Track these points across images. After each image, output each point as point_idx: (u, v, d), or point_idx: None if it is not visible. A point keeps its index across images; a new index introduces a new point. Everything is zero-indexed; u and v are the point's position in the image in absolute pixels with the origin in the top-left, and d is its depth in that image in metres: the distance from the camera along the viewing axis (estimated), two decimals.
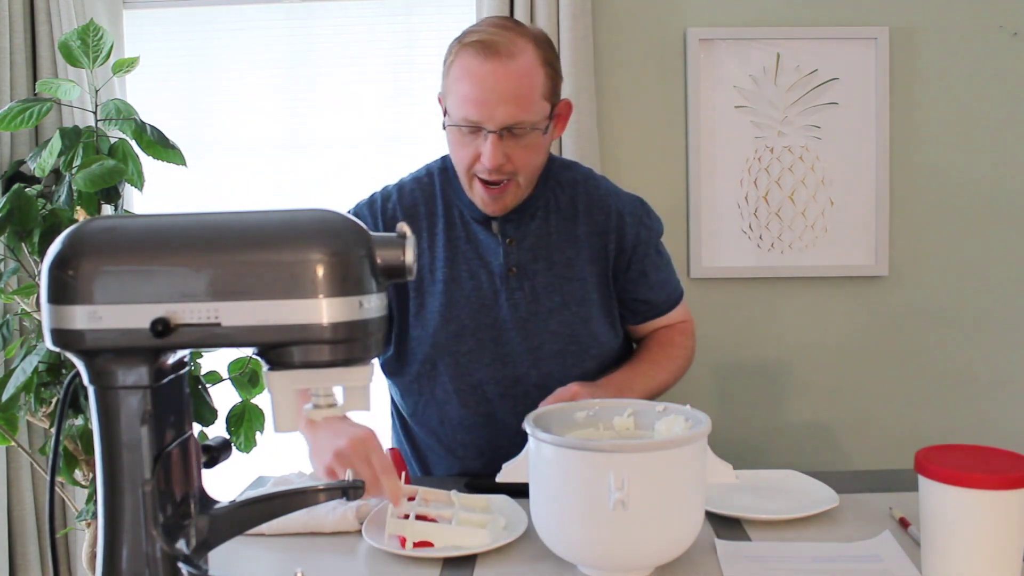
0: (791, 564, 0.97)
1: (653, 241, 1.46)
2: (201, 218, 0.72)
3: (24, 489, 2.22)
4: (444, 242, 1.39)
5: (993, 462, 0.89)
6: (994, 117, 2.24)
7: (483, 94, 1.24)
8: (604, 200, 1.43)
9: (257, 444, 1.86)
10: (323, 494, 0.83)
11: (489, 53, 1.24)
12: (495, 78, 1.24)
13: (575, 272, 1.39)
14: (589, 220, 1.41)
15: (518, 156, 1.29)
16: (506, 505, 1.14)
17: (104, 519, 0.73)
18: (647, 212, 1.47)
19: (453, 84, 1.28)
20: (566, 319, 1.37)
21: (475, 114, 1.25)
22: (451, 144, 1.33)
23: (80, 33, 1.79)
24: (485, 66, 1.24)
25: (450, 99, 1.29)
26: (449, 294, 1.37)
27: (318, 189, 2.31)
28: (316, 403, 0.73)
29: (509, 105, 1.24)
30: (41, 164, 1.76)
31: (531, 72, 1.27)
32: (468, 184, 1.33)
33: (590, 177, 1.47)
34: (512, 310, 1.36)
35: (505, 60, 1.24)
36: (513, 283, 1.37)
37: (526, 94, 1.26)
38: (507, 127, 1.26)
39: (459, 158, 1.32)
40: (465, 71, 1.26)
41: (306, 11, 2.30)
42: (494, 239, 1.38)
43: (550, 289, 1.37)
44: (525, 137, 1.28)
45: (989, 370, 2.29)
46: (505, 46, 1.25)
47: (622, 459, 0.90)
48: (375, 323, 0.71)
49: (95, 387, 0.72)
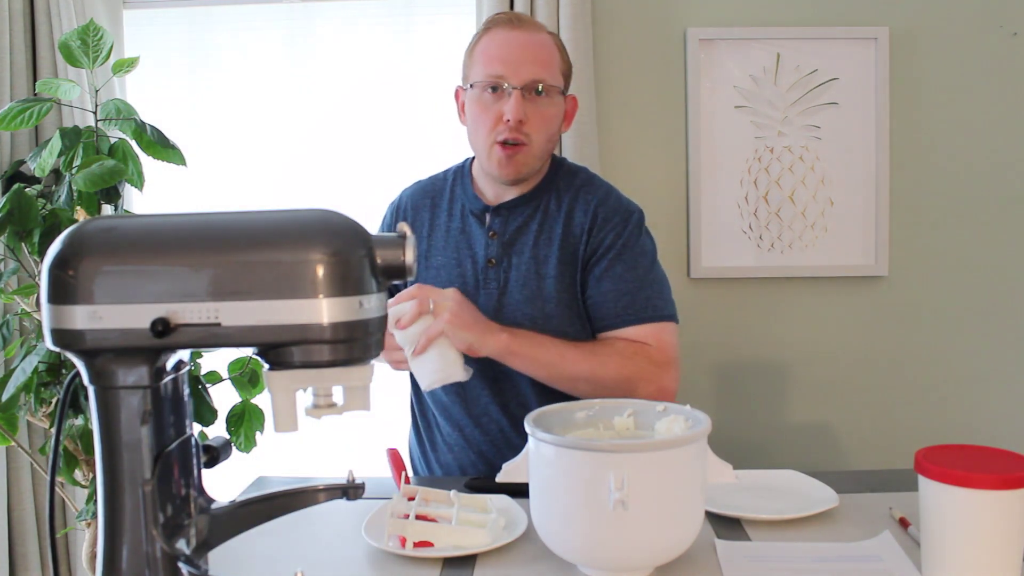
0: (791, 564, 0.98)
1: (618, 248, 1.41)
2: (201, 218, 0.72)
3: (24, 489, 2.22)
4: (443, 232, 1.49)
5: (993, 462, 0.89)
6: (994, 117, 2.24)
7: (510, 53, 1.38)
8: (591, 204, 1.44)
9: (257, 444, 1.86)
10: (323, 494, 0.83)
11: (515, 23, 1.41)
12: (520, 41, 1.39)
13: (546, 270, 1.43)
14: (569, 221, 1.44)
15: (535, 119, 1.38)
16: (506, 505, 1.14)
17: (104, 519, 0.73)
18: (630, 222, 1.43)
19: (478, 55, 1.41)
20: (530, 313, 1.42)
21: (501, 69, 1.37)
22: (473, 115, 1.42)
23: (80, 33, 1.79)
24: (511, 33, 1.39)
25: (474, 69, 1.41)
26: (439, 280, 1.45)
27: (318, 189, 2.31)
28: (316, 403, 0.73)
29: (533, 64, 1.37)
30: (41, 164, 1.76)
31: (551, 46, 1.42)
32: (487, 151, 1.41)
33: (589, 182, 1.48)
34: (486, 299, 1.44)
35: (529, 30, 1.41)
36: (490, 274, 1.44)
37: (547, 59, 1.40)
38: (529, 84, 1.37)
39: (482, 122, 1.40)
40: (491, 39, 1.40)
41: (306, 11, 2.30)
42: (483, 231, 1.46)
43: (520, 283, 1.43)
44: (544, 100, 1.39)
45: (989, 370, 2.29)
46: (529, 22, 1.43)
47: (622, 459, 0.90)
48: (375, 323, 0.71)
49: (95, 387, 0.72)
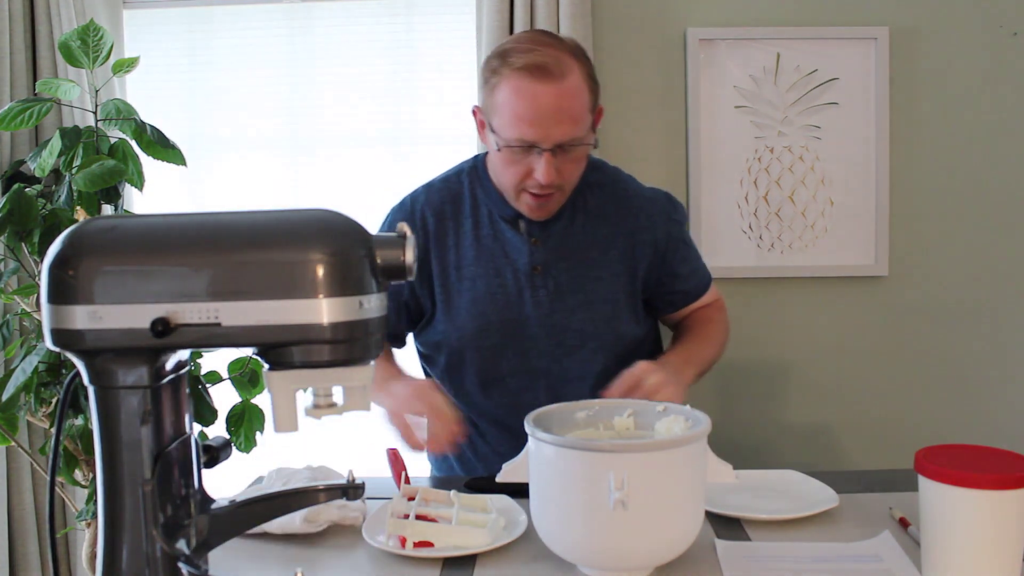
0: (791, 564, 0.98)
1: (682, 235, 1.52)
2: (201, 218, 0.72)
3: (24, 489, 2.22)
4: (471, 240, 1.44)
5: (993, 462, 0.89)
6: (994, 117, 2.24)
7: (538, 115, 1.27)
8: (632, 202, 1.47)
9: (257, 444, 1.86)
10: (323, 494, 0.83)
11: (541, 75, 1.27)
12: (549, 99, 1.27)
13: (600, 271, 1.43)
14: (617, 221, 1.45)
15: (567, 169, 1.34)
16: (506, 505, 1.14)
17: (104, 519, 0.73)
18: (674, 207, 1.52)
19: (502, 106, 1.30)
20: (588, 316, 1.41)
21: (531, 135, 1.28)
22: (499, 163, 1.35)
23: (80, 33, 1.78)
24: (537, 88, 1.27)
25: (498, 119, 1.32)
26: (475, 291, 1.42)
27: (318, 189, 2.31)
28: (316, 403, 0.73)
29: (563, 124, 1.29)
30: (41, 164, 1.76)
31: (579, 89, 1.31)
32: (515, 197, 1.38)
33: (618, 179, 1.51)
34: (536, 307, 1.41)
35: (557, 81, 1.27)
36: (538, 281, 1.41)
37: (577, 111, 1.30)
38: (559, 145, 1.29)
39: (509, 175, 1.35)
40: (517, 93, 1.28)
41: (306, 11, 2.30)
42: (520, 238, 1.42)
43: (573, 287, 1.41)
44: (574, 151, 1.32)
45: (989, 370, 2.29)
46: (555, 67, 1.27)
47: (622, 459, 0.90)
48: (375, 323, 0.71)
49: (95, 387, 0.72)
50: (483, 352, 1.42)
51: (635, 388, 1.22)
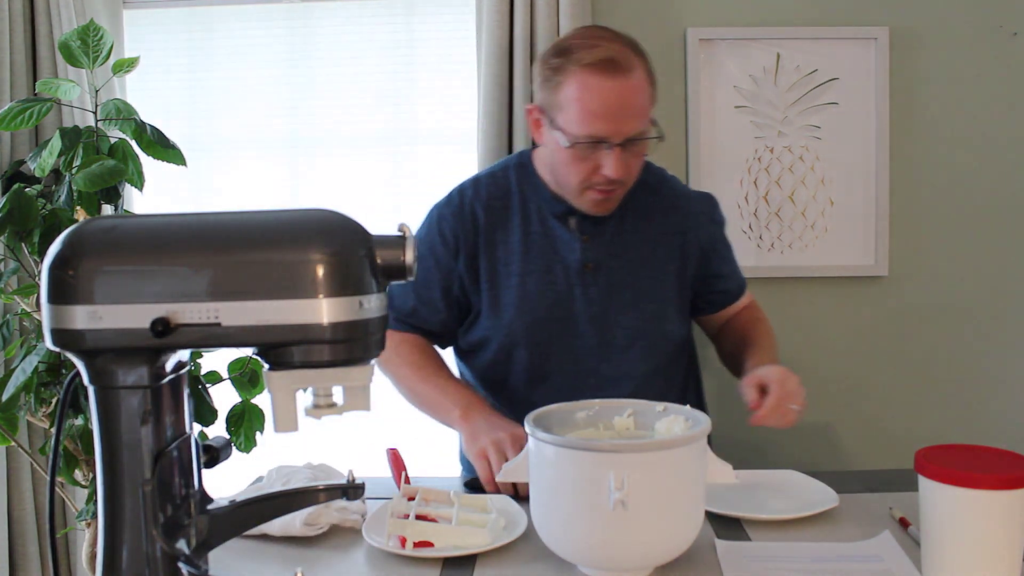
0: (791, 564, 0.97)
1: (723, 236, 1.56)
2: (201, 218, 0.72)
3: (24, 489, 2.22)
4: (520, 237, 1.43)
5: (993, 462, 0.89)
6: (994, 117, 2.24)
7: (609, 111, 1.29)
8: (678, 201, 1.50)
9: (257, 444, 1.86)
10: (323, 494, 0.83)
11: (610, 70, 1.28)
12: (619, 94, 1.29)
13: (650, 270, 1.43)
14: (664, 220, 1.46)
15: (633, 164, 1.35)
16: (506, 505, 1.14)
17: (104, 519, 0.73)
18: (715, 208, 1.55)
19: (571, 103, 1.30)
20: (638, 315, 1.42)
21: (602, 130, 1.29)
22: (564, 160, 1.34)
23: (80, 33, 1.78)
24: (607, 83, 1.28)
25: (564, 116, 1.31)
26: (525, 288, 1.41)
27: (318, 189, 2.31)
28: (316, 403, 0.73)
29: (633, 119, 1.31)
30: (41, 164, 1.76)
31: (644, 84, 1.33)
32: (578, 194, 1.37)
33: (664, 179, 1.53)
34: (586, 304, 1.41)
35: (626, 75, 1.29)
36: (588, 278, 1.41)
37: (644, 105, 1.33)
38: (629, 138, 1.31)
39: (575, 172, 1.34)
40: (587, 89, 1.29)
41: (306, 11, 2.30)
42: (571, 235, 1.42)
43: (624, 285, 1.42)
44: (639, 145, 1.34)
45: (989, 370, 2.29)
46: (623, 61, 1.29)
47: (622, 459, 0.90)
48: (375, 323, 0.71)
49: (95, 387, 0.72)
50: (531, 349, 1.41)
51: (782, 388, 1.26)
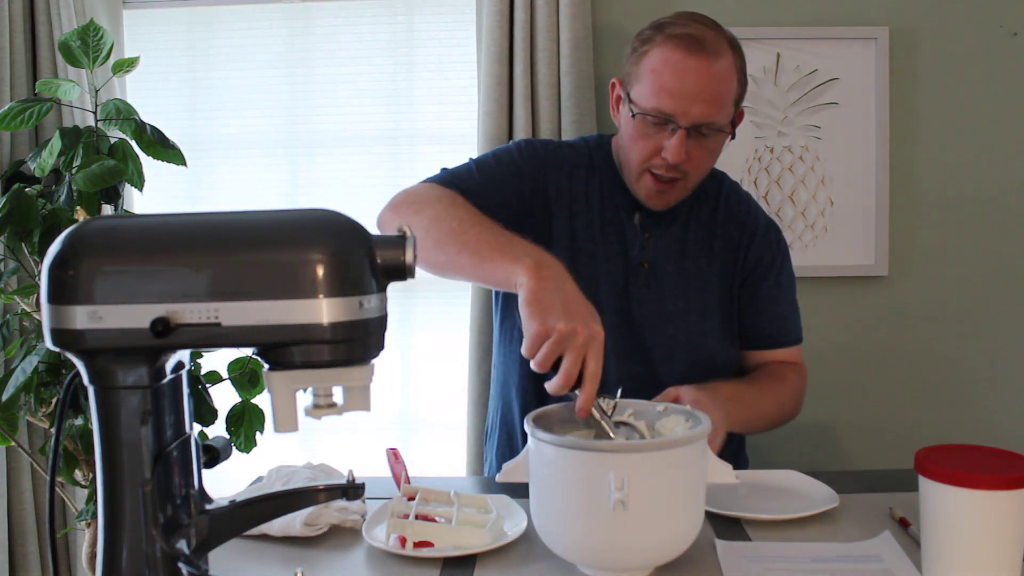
0: (791, 564, 0.97)
1: (776, 268, 1.44)
2: (201, 218, 0.72)
3: (24, 489, 2.22)
4: (588, 216, 1.36)
5: (993, 462, 0.89)
6: (994, 117, 2.24)
7: (683, 88, 1.23)
8: (742, 216, 1.43)
9: (257, 444, 1.86)
10: (323, 494, 0.83)
11: (695, 48, 1.23)
12: (697, 74, 1.23)
13: (703, 283, 1.37)
14: (725, 233, 1.40)
15: (697, 156, 1.28)
16: (506, 505, 1.14)
17: (104, 519, 0.73)
18: (779, 238, 1.46)
19: (648, 73, 1.26)
20: (685, 326, 1.35)
21: (670, 107, 1.24)
22: (629, 134, 1.30)
23: (80, 33, 1.78)
24: (688, 60, 1.23)
25: (638, 87, 1.27)
26: (589, 269, 1.34)
27: (318, 189, 2.31)
28: (316, 403, 0.73)
29: (705, 104, 1.24)
30: (41, 164, 1.76)
31: (729, 75, 1.27)
32: (636, 175, 1.32)
33: (733, 191, 1.47)
34: (636, 304, 1.35)
35: (710, 58, 1.24)
36: (642, 278, 1.36)
37: (722, 95, 1.27)
38: (696, 125, 1.25)
39: (637, 149, 1.29)
40: (666, 62, 1.24)
41: (306, 11, 2.30)
42: (634, 229, 1.36)
43: (675, 293, 1.36)
44: (709, 138, 1.28)
45: (989, 370, 2.29)
46: (711, 44, 1.24)
47: (622, 459, 0.90)
48: (375, 323, 0.71)
49: (95, 387, 0.72)
50: None
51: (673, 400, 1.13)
